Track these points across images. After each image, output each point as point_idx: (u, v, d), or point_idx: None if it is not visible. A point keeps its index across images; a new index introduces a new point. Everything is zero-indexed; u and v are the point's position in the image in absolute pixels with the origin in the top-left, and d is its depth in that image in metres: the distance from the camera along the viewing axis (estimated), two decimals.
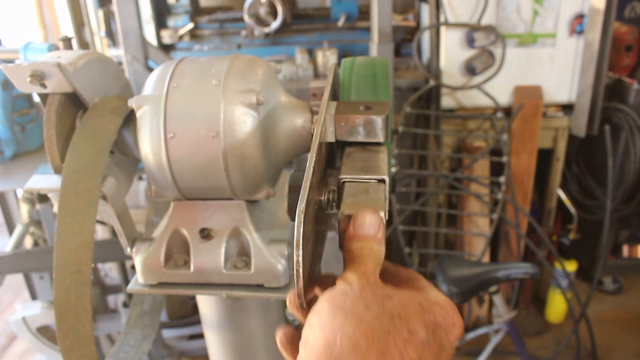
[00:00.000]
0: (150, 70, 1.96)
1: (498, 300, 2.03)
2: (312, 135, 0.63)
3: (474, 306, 2.54)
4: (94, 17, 2.51)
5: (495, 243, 2.55)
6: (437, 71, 2.26)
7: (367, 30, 2.35)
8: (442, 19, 2.19)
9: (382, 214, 0.46)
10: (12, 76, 0.72)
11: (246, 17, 2.28)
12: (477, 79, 2.25)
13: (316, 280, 0.51)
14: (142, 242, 0.82)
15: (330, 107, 0.59)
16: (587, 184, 2.55)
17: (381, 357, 0.36)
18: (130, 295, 2.11)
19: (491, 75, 2.21)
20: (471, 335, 2.25)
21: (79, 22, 2.58)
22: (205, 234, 0.79)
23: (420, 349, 0.38)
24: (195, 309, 2.51)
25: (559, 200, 2.57)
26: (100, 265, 2.47)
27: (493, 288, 1.98)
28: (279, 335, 0.48)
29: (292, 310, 0.49)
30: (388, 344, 0.36)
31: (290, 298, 0.49)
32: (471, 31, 2.18)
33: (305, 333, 0.40)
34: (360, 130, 0.58)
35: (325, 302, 0.40)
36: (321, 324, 0.39)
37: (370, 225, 0.46)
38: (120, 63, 2.03)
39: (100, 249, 1.87)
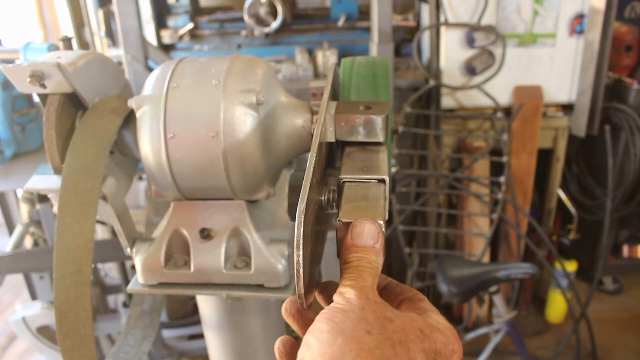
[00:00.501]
0: (150, 70, 1.96)
1: (498, 300, 2.03)
2: (312, 135, 0.63)
3: (474, 306, 2.54)
4: (94, 17, 2.51)
5: (495, 243, 2.55)
6: (437, 71, 2.26)
7: (367, 30, 2.35)
8: (442, 19, 2.19)
9: (381, 222, 0.45)
10: (11, 76, 0.72)
11: (246, 17, 2.28)
12: (477, 79, 2.25)
13: (317, 280, 0.51)
14: (142, 242, 0.82)
15: (330, 107, 0.59)
16: (587, 184, 2.55)
17: None
18: (130, 295, 2.11)
19: (491, 75, 2.21)
20: (471, 335, 2.25)
21: (79, 22, 2.58)
22: (205, 234, 0.79)
23: None
24: (195, 309, 2.51)
25: (559, 200, 2.57)
26: (100, 265, 2.47)
27: (493, 288, 1.98)
28: (277, 345, 0.47)
29: (288, 319, 0.48)
30: None
31: (287, 307, 0.47)
32: (471, 31, 2.18)
33: (302, 353, 0.38)
34: (360, 130, 0.58)
35: (324, 321, 0.38)
36: (320, 347, 0.37)
37: (369, 235, 0.44)
38: (120, 63, 2.03)
39: (100, 249, 1.87)
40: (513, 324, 2.05)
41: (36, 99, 1.62)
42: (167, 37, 2.39)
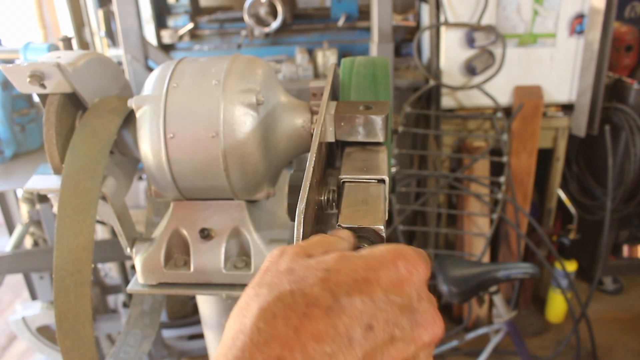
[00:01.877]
0: (150, 70, 1.96)
1: (498, 300, 2.03)
2: (312, 135, 0.63)
3: (474, 306, 2.54)
4: (94, 17, 2.51)
5: (495, 243, 2.55)
6: (437, 71, 2.25)
7: (367, 30, 2.35)
8: (442, 19, 2.19)
9: (381, 226, 0.45)
10: (11, 76, 0.72)
11: (246, 17, 2.28)
12: (477, 79, 2.25)
13: None
14: (142, 242, 0.82)
15: (330, 107, 0.59)
16: (587, 184, 2.55)
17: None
18: (130, 295, 2.11)
19: (491, 75, 2.21)
20: (471, 335, 2.25)
21: (79, 22, 2.58)
22: (205, 234, 0.79)
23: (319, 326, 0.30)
24: (195, 309, 2.51)
25: (559, 200, 2.57)
26: (100, 265, 2.47)
27: (493, 288, 1.98)
28: None
29: None
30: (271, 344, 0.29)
31: None
32: (471, 31, 2.18)
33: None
34: (360, 130, 0.58)
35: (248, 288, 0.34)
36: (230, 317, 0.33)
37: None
38: (120, 63, 2.03)
39: (100, 249, 1.87)
40: (513, 324, 2.05)
41: (36, 99, 1.62)
42: (167, 37, 2.39)
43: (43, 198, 1.95)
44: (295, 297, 0.31)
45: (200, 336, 2.43)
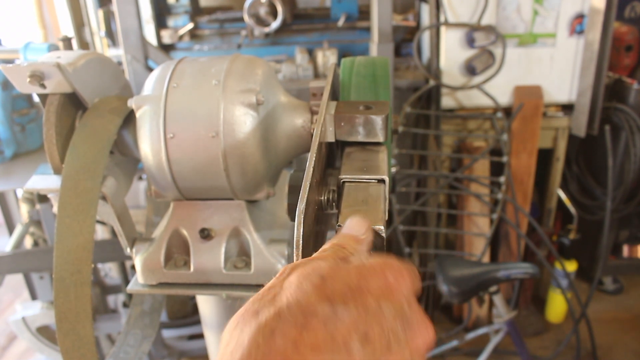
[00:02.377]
0: (150, 70, 1.96)
1: (498, 300, 2.03)
2: (312, 135, 0.63)
3: (474, 306, 2.54)
4: (94, 17, 2.51)
5: (495, 243, 2.55)
6: (437, 71, 2.25)
7: (367, 30, 2.35)
8: (442, 19, 2.19)
9: (381, 227, 0.44)
10: (11, 76, 0.72)
11: (246, 17, 2.28)
12: (477, 79, 2.25)
13: None
14: (142, 242, 0.82)
15: (330, 107, 0.59)
16: (587, 184, 2.55)
17: None
18: (130, 295, 2.11)
19: (491, 75, 2.21)
20: (471, 335, 2.25)
21: (79, 22, 2.58)
22: (205, 234, 0.79)
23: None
24: (195, 309, 2.51)
25: (559, 200, 2.57)
26: (100, 265, 2.47)
27: (493, 288, 1.98)
28: None
29: None
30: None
31: None
32: (471, 31, 2.17)
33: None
34: (360, 130, 0.58)
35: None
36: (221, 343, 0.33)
37: (354, 226, 0.42)
38: (120, 63, 2.03)
39: (100, 249, 1.87)
40: (513, 324, 2.05)
41: (36, 99, 1.62)
42: (167, 37, 2.39)
43: (43, 198, 1.95)
44: (292, 310, 0.32)
45: (200, 336, 2.43)
